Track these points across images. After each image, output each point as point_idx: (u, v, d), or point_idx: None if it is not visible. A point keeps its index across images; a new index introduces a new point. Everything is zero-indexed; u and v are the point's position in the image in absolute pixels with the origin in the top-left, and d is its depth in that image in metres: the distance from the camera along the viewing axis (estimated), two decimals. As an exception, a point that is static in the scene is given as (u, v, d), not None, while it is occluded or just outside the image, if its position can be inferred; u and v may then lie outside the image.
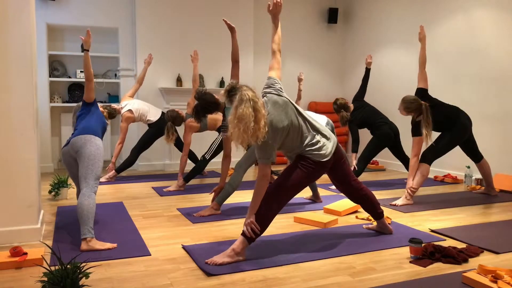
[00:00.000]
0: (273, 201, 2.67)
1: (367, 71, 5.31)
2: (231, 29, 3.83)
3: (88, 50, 3.10)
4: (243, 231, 2.66)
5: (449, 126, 4.29)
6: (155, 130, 5.56)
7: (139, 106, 5.56)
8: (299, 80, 5.33)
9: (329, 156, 2.75)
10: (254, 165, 6.85)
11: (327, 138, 2.80)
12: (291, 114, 2.68)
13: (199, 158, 5.04)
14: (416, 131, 4.20)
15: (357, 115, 5.13)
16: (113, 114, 5.29)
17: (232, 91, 2.85)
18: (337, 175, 2.98)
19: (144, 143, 5.59)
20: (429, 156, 4.27)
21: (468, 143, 4.49)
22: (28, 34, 2.98)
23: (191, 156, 5.74)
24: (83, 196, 2.94)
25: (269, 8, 2.83)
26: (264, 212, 2.65)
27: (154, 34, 6.45)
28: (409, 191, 4.19)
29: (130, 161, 5.48)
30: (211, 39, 6.74)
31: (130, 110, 5.48)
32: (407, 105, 4.20)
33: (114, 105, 5.42)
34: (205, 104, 3.77)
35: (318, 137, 2.75)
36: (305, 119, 2.75)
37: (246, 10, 6.93)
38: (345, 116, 5.11)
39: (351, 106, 5.20)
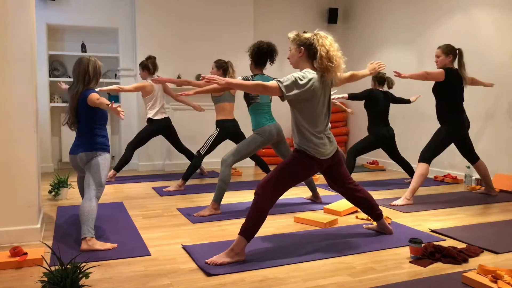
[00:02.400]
0: (268, 193, 2.66)
1: (408, 102, 5.47)
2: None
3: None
4: (240, 230, 2.66)
5: (449, 117, 4.29)
6: (154, 129, 5.53)
7: (160, 94, 5.54)
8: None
9: (327, 156, 2.77)
10: (254, 164, 6.85)
11: (330, 141, 2.82)
12: (325, 95, 2.74)
13: (195, 154, 5.01)
14: (444, 69, 4.24)
15: (377, 93, 5.13)
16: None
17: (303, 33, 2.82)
18: (334, 177, 3.00)
19: (141, 139, 5.54)
20: (427, 155, 4.27)
21: (464, 144, 4.50)
22: (28, 34, 2.98)
23: (189, 155, 5.71)
24: (85, 200, 2.98)
25: (372, 65, 3.35)
26: (260, 205, 2.64)
27: (154, 34, 6.45)
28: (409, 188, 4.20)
29: (126, 158, 5.45)
30: (211, 39, 6.74)
31: (152, 85, 5.44)
32: (448, 47, 4.29)
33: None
34: (270, 47, 3.90)
35: (323, 135, 2.76)
36: (329, 111, 2.80)
37: (246, 10, 6.93)
38: (382, 79, 5.23)
39: (385, 88, 5.29)
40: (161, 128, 5.54)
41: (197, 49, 6.66)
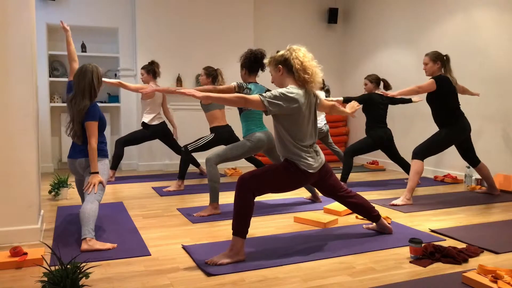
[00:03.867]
0: (248, 189, 2.63)
1: (410, 101, 5.39)
2: None
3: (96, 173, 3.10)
4: (232, 230, 2.65)
5: (449, 122, 4.29)
6: (150, 134, 5.56)
7: (160, 101, 5.56)
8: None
9: (314, 170, 2.77)
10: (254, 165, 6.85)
11: (317, 155, 2.83)
12: (310, 112, 2.75)
13: (181, 148, 4.99)
14: (434, 78, 4.26)
15: (376, 97, 5.12)
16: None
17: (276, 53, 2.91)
18: (325, 189, 3.03)
19: (134, 140, 5.56)
20: (422, 153, 4.28)
21: (465, 148, 4.52)
22: (28, 34, 2.98)
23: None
24: (86, 203, 2.99)
25: (351, 104, 3.29)
26: (242, 200, 2.63)
27: (154, 34, 6.45)
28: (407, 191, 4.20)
29: (119, 155, 5.47)
30: (211, 38, 6.74)
31: (155, 89, 5.46)
32: (435, 53, 4.31)
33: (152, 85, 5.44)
34: (262, 54, 3.89)
35: (310, 149, 2.77)
36: (315, 127, 2.82)
37: (246, 10, 6.93)
38: (378, 79, 5.22)
39: (378, 89, 5.24)
40: (158, 133, 5.58)
41: (197, 49, 6.67)
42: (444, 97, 4.25)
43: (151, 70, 5.50)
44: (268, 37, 7.14)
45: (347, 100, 5.12)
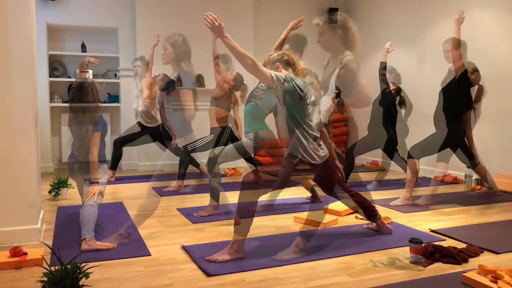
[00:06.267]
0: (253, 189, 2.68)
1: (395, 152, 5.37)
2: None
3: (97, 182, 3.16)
4: (234, 228, 2.67)
5: (449, 124, 4.28)
6: (147, 136, 5.60)
7: (157, 105, 5.60)
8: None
9: (318, 160, 2.78)
10: (256, 166, 6.84)
11: (321, 148, 2.86)
12: (312, 103, 2.79)
13: (181, 148, 4.99)
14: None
15: (392, 96, 5.20)
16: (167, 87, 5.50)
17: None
18: (327, 186, 3.06)
19: (132, 140, 5.59)
20: (417, 152, 4.28)
21: (463, 151, 4.54)
22: (28, 34, 2.98)
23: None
24: (86, 205, 3.01)
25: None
26: (247, 205, 2.66)
27: (154, 34, 6.44)
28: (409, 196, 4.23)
29: (118, 155, 5.50)
30: (211, 38, 6.73)
31: (159, 94, 5.56)
32: (478, 71, 4.52)
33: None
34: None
35: (316, 142, 2.80)
36: (317, 121, 2.86)
37: (246, 10, 6.93)
38: (399, 89, 5.40)
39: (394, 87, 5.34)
40: (154, 135, 5.61)
41: (197, 49, 6.63)
42: (459, 89, 4.23)
43: (166, 82, 5.58)
44: (268, 37, 7.10)
45: (384, 65, 5.11)
